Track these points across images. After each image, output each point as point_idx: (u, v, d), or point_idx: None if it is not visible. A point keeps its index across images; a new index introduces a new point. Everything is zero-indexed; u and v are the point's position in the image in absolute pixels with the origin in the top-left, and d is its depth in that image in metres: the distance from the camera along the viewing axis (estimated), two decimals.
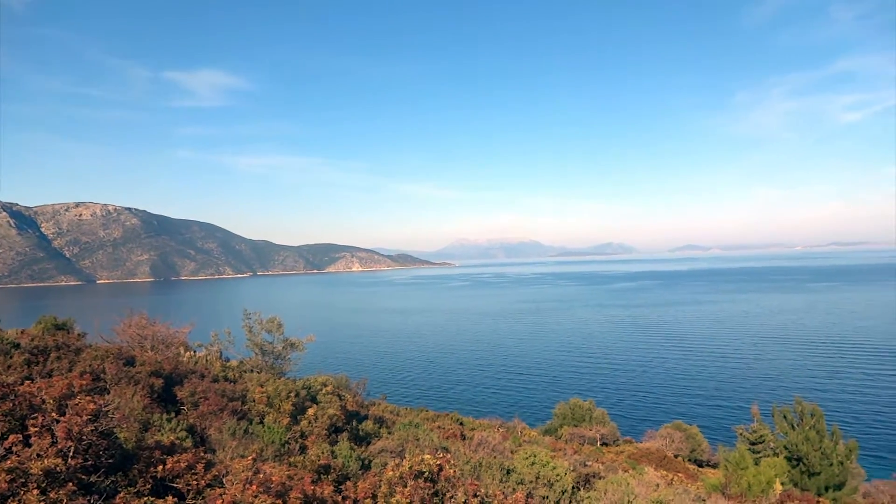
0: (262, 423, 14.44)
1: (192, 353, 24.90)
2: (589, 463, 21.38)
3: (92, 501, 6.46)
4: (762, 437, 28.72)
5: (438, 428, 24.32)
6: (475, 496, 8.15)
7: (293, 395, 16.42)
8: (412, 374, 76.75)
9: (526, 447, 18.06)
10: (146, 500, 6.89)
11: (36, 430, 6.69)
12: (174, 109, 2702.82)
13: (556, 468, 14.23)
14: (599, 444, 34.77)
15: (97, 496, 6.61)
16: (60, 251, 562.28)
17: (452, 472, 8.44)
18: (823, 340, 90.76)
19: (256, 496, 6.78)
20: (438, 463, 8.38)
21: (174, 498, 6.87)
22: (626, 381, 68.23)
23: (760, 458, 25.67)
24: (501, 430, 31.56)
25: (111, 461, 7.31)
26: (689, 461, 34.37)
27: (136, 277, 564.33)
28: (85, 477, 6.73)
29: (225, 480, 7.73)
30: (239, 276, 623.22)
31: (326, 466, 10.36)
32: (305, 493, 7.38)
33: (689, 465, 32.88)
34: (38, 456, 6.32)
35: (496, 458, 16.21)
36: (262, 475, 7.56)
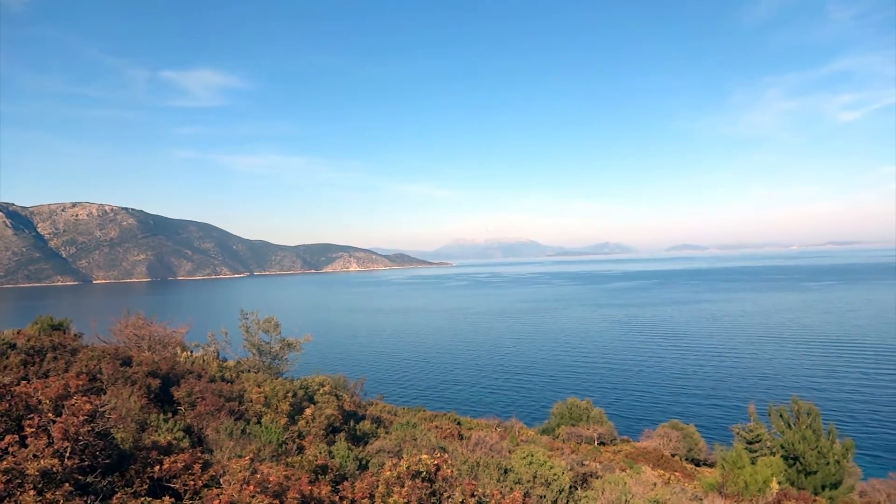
0: (259, 423, 14.43)
1: (189, 353, 24.85)
2: (586, 462, 21.41)
3: (89, 502, 6.45)
4: (759, 436, 28.79)
5: (436, 428, 24.33)
6: (473, 496, 8.16)
7: (290, 395, 16.41)
8: (410, 373, 76.73)
9: (523, 447, 18.09)
10: (143, 500, 6.89)
11: (32, 430, 6.68)
12: (171, 109, 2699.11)
13: (553, 467, 14.25)
14: (597, 443, 34.83)
15: (94, 497, 6.60)
16: (57, 251, 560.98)
17: (450, 471, 8.45)
18: (820, 339, 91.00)
19: (254, 496, 6.78)
20: (436, 463, 8.39)
21: (171, 498, 6.86)
22: (623, 380, 68.33)
23: (757, 457, 25.74)
24: (499, 429, 31.60)
25: (108, 461, 7.31)
26: (686, 460, 34.44)
27: (132, 277, 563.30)
28: (81, 477, 6.72)
29: (222, 480, 7.73)
30: (236, 276, 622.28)
31: (324, 466, 10.35)
32: (303, 493, 7.38)
33: (686, 464, 32.94)
34: (34, 456, 6.31)
35: (494, 457, 16.22)
36: (259, 475, 7.56)
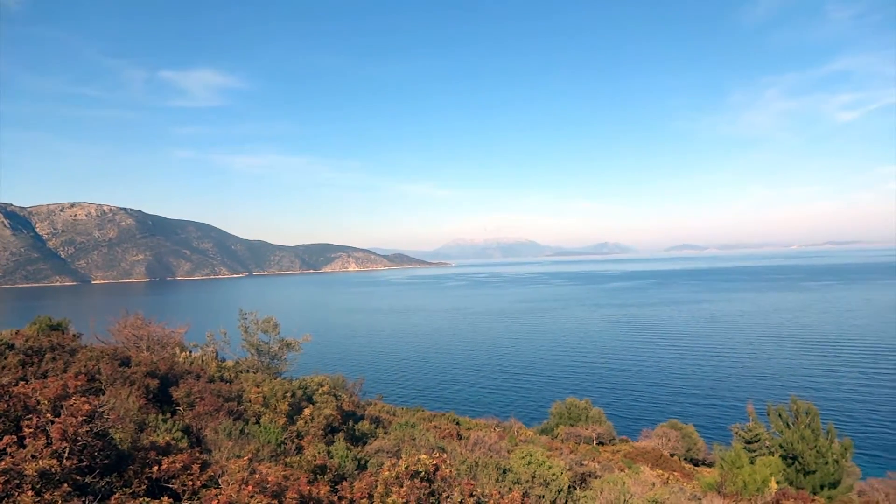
0: (258, 423, 14.42)
1: (187, 353, 24.82)
2: (585, 462, 21.42)
3: (87, 502, 6.45)
4: (757, 435, 28.82)
5: (435, 428, 24.33)
6: (471, 496, 8.16)
7: (289, 395, 16.41)
8: (408, 373, 76.71)
9: (522, 447, 18.09)
10: (141, 500, 6.88)
11: (31, 431, 6.68)
12: (170, 109, 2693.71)
13: (552, 467, 14.25)
14: (596, 443, 34.84)
15: (92, 497, 6.60)
16: (55, 251, 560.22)
17: (449, 471, 8.45)
18: (819, 339, 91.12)
19: (252, 496, 6.77)
20: (435, 463, 8.39)
21: (170, 498, 6.86)
22: (622, 380, 68.37)
23: (756, 456, 25.77)
24: (498, 429, 31.59)
25: (106, 462, 7.30)
26: (684, 460, 34.47)
27: (131, 278, 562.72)
28: (80, 478, 6.72)
29: (221, 481, 7.73)
30: (235, 276, 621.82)
31: (322, 466, 10.35)
32: (301, 493, 7.37)
33: (684, 463, 32.96)
34: (32, 457, 6.30)
35: (492, 457, 16.22)
36: (258, 475, 7.56)
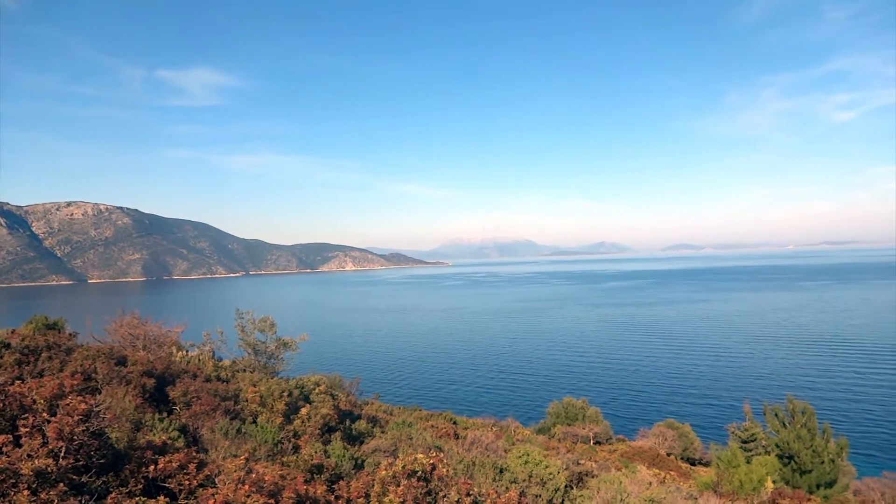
0: (254, 422, 14.41)
1: (184, 352, 24.80)
2: (582, 461, 21.45)
3: (83, 502, 6.43)
4: (754, 435, 28.92)
5: (432, 427, 24.33)
6: (468, 495, 8.16)
7: (286, 394, 16.40)
8: (405, 373, 76.70)
9: (519, 446, 18.11)
10: (138, 500, 6.87)
11: (26, 430, 6.66)
12: (167, 108, 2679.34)
13: (549, 467, 14.28)
14: (592, 442, 34.89)
15: (88, 496, 6.58)
16: (51, 250, 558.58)
17: (445, 471, 8.45)
18: (815, 339, 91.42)
19: (249, 496, 6.77)
20: (431, 462, 8.39)
21: (166, 498, 6.85)
22: (619, 379, 68.48)
23: (752, 456, 25.84)
24: (495, 429, 31.60)
25: (102, 461, 7.28)
26: (681, 459, 34.54)
27: (127, 277, 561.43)
28: (76, 477, 6.70)
29: (217, 480, 7.72)
30: (231, 275, 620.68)
31: (319, 466, 10.35)
32: (298, 492, 7.37)
33: (681, 463, 33.03)
34: (28, 456, 6.29)
35: (489, 457, 16.24)
36: (254, 475, 7.55)
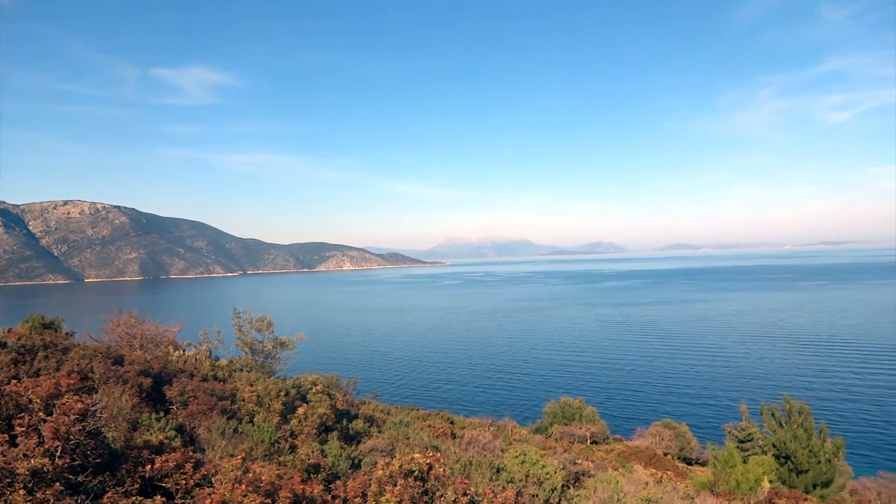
0: (251, 422, 14.40)
1: (181, 352, 24.77)
2: (579, 461, 21.48)
3: (79, 501, 6.42)
4: (750, 435, 29.00)
5: (429, 427, 24.33)
6: (465, 495, 8.17)
7: (283, 394, 16.38)
8: (402, 372, 76.73)
9: (516, 446, 18.13)
10: (134, 499, 6.86)
11: (23, 429, 6.65)
12: (163, 107, 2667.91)
13: (545, 466, 14.30)
14: (589, 442, 34.95)
15: (85, 496, 6.58)
16: (48, 249, 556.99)
17: (442, 470, 8.46)
18: (812, 339, 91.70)
19: (245, 495, 6.77)
20: (428, 462, 8.40)
21: (162, 497, 6.85)
22: (616, 379, 68.60)
23: (749, 455, 25.92)
24: (492, 428, 31.63)
25: (99, 461, 7.27)
26: (678, 459, 34.61)
27: (124, 276, 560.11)
28: (72, 477, 6.69)
29: (214, 480, 7.72)
30: (229, 274, 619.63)
31: (316, 465, 10.35)
32: (295, 492, 7.37)
33: (678, 463, 33.10)
34: (24, 456, 6.28)
35: (486, 456, 16.26)
36: (251, 474, 7.55)
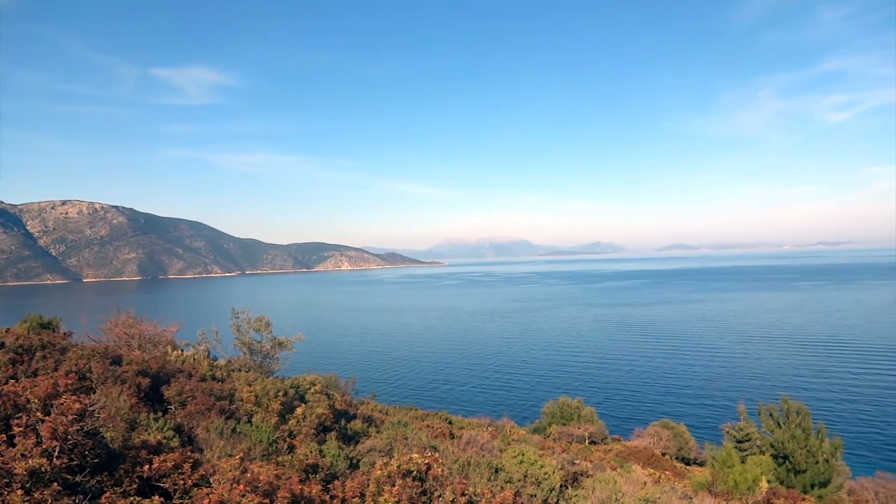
0: (249, 422, 14.39)
1: (179, 352, 24.75)
2: (577, 461, 21.49)
3: (77, 501, 6.42)
4: (749, 435, 29.04)
5: (427, 427, 24.33)
6: (463, 495, 8.18)
7: (281, 394, 16.37)
8: (401, 373, 76.70)
9: (514, 446, 18.14)
10: (132, 499, 6.86)
11: (20, 429, 6.64)
12: (162, 107, 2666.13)
13: (544, 467, 14.31)
14: (588, 442, 34.97)
15: (82, 496, 6.57)
16: (46, 249, 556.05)
17: (441, 470, 8.47)
18: (810, 339, 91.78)
19: (244, 495, 6.77)
20: (427, 462, 8.41)
21: (161, 497, 6.84)
22: (614, 379, 68.61)
23: (747, 455, 25.95)
24: (490, 428, 31.64)
25: (97, 461, 7.27)
26: (676, 459, 34.64)
27: (123, 276, 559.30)
28: (70, 477, 6.69)
29: (212, 480, 7.71)
30: (227, 274, 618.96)
31: (314, 466, 10.35)
32: (293, 492, 7.37)
33: (676, 463, 33.13)
34: (22, 456, 6.27)
35: (484, 456, 16.26)
36: (249, 474, 7.55)
